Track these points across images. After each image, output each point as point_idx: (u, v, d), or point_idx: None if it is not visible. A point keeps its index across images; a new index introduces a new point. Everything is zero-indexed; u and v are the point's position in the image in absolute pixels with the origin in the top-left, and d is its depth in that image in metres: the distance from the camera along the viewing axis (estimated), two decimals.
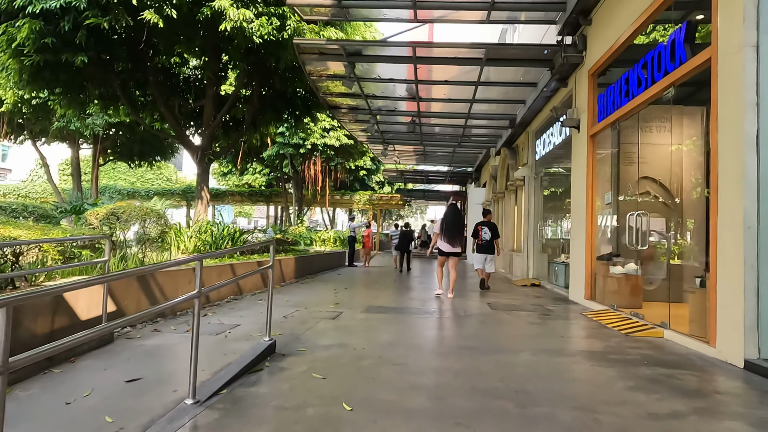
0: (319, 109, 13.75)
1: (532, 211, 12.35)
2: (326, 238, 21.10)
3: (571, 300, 8.45)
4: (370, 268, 16.67)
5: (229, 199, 28.26)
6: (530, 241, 12.35)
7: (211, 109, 11.38)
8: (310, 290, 9.32)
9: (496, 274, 14.21)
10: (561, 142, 9.91)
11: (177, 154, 22.48)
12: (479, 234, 9.89)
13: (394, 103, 12.69)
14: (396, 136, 16.43)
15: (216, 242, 9.86)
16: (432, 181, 31.77)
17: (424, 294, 9.22)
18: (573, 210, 8.71)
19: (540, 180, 12.23)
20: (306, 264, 12.70)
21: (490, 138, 15.98)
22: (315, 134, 20.98)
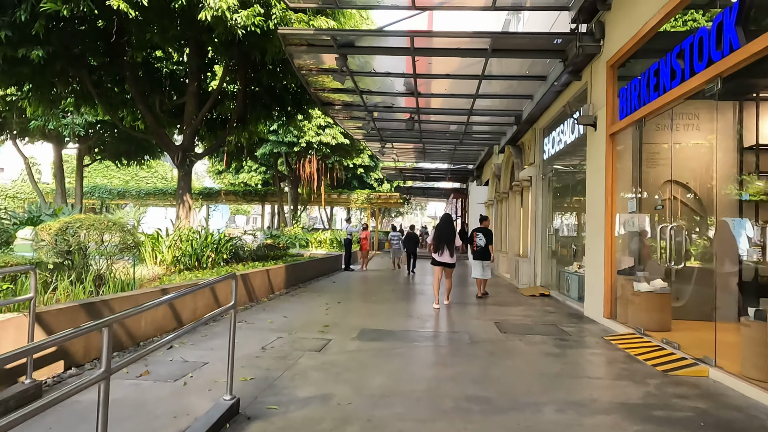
0: (312, 105, 12.89)
1: (539, 215, 11.53)
2: (323, 239, 20.27)
3: (587, 317, 7.63)
4: (368, 272, 15.86)
5: (223, 199, 27.41)
6: (537, 247, 11.53)
7: (192, 106, 10.51)
8: (300, 305, 8.49)
9: (501, 281, 13.40)
10: (573, 140, 9.06)
11: None
12: (474, 240, 9.84)
13: (392, 99, 11.81)
14: (394, 134, 15.56)
15: (197, 253, 9.03)
16: (432, 179, 30.92)
17: (423, 308, 8.40)
18: (589, 216, 7.87)
19: (548, 181, 11.39)
20: (298, 271, 11.88)
21: (493, 135, 15.11)
22: (310, 132, 20.12)
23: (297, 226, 22.78)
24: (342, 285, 12.06)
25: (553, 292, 10.19)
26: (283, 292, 10.25)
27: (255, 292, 8.98)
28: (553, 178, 11.00)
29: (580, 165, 9.58)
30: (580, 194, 10.00)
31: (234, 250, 11.13)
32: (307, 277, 12.57)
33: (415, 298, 9.90)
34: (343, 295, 9.98)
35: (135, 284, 6.23)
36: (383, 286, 11.98)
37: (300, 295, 9.89)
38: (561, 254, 10.70)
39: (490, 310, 8.25)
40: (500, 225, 16.61)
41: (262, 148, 20.69)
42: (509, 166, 14.80)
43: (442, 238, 8.68)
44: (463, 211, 32.31)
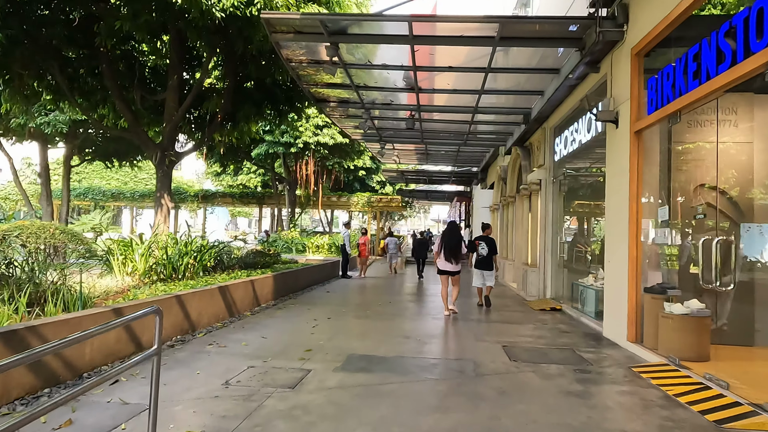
0: (305, 102, 12.07)
1: (549, 221, 10.64)
2: (320, 244, 19.42)
3: (606, 338, 6.73)
4: (366, 280, 14.99)
5: (220, 201, 26.59)
6: (547, 256, 10.64)
7: (173, 101, 9.69)
8: (284, 322, 7.63)
9: (507, 291, 12.51)
10: (589, 140, 8.18)
11: None
12: (476, 249, 9.61)
13: (391, 96, 10.98)
14: (395, 134, 14.72)
15: (172, 262, 8.19)
16: (435, 181, 30.05)
17: (423, 324, 7.53)
18: (609, 224, 6.99)
19: (559, 184, 10.51)
20: (289, 280, 11.03)
21: (499, 135, 14.24)
22: (307, 132, 19.28)
23: (294, 229, 21.93)
24: (336, 295, 11.19)
25: (566, 307, 9.29)
26: (270, 305, 9.40)
27: (236, 305, 8.13)
28: (565, 181, 10.12)
29: (597, 167, 8.71)
30: (597, 199, 9.12)
31: (219, 258, 10.31)
32: (299, 286, 11.73)
33: (414, 312, 9.03)
34: (335, 309, 9.12)
35: (83, 303, 5.38)
36: (381, 297, 11.11)
37: (288, 308, 9.03)
38: (574, 265, 9.81)
39: (497, 329, 7.36)
40: (506, 231, 15.72)
41: (257, 149, 19.87)
42: (516, 168, 13.92)
43: (447, 247, 8.58)
44: (467, 215, 31.42)
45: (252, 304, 8.80)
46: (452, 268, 8.58)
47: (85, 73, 10.04)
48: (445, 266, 8.60)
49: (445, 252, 8.57)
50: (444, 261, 8.59)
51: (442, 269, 8.67)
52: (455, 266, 8.58)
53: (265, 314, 8.27)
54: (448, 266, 8.58)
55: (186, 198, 25.86)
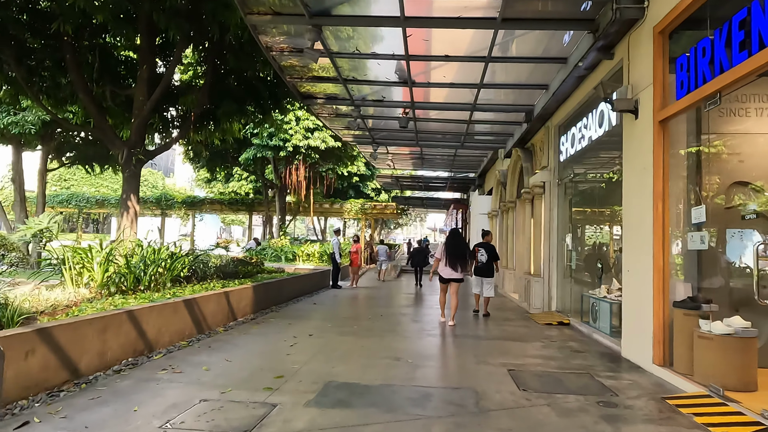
0: (291, 99, 11.25)
1: (554, 226, 9.80)
2: (311, 252, 18.52)
3: (626, 360, 5.86)
4: (358, 291, 14.09)
5: (208, 208, 25.66)
6: (553, 264, 9.78)
7: (142, 94, 8.84)
8: (259, 340, 6.73)
9: (508, 302, 11.64)
10: (601, 136, 7.36)
11: None
12: (476, 256, 9.43)
13: (383, 91, 10.17)
14: (388, 135, 13.92)
15: (135, 272, 7.28)
16: (431, 188, 29.28)
17: (416, 343, 6.64)
18: (627, 229, 6.14)
19: (564, 187, 9.70)
20: (272, 291, 10.13)
21: (498, 137, 13.44)
22: (297, 135, 18.45)
23: (284, 237, 21.01)
24: (323, 308, 10.29)
25: (574, 321, 8.42)
26: (248, 319, 8.49)
27: (207, 320, 7.22)
28: (572, 183, 9.29)
29: (610, 166, 7.90)
30: (610, 202, 8.31)
31: (193, 267, 9.40)
32: (283, 298, 10.82)
33: (407, 327, 8.13)
34: (320, 323, 8.22)
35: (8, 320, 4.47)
36: (372, 309, 10.22)
37: (267, 322, 8.13)
38: (583, 274, 8.96)
39: (501, 348, 6.48)
40: (506, 239, 14.88)
41: (245, 153, 19.01)
42: (517, 171, 13.12)
43: (450, 251, 8.37)
44: (464, 223, 30.59)
45: (226, 318, 7.90)
46: (456, 276, 8.34)
47: (50, 65, 9.18)
48: (450, 274, 8.34)
49: (449, 259, 8.30)
50: (447, 268, 8.33)
51: (445, 277, 8.40)
52: (459, 273, 8.34)
53: (240, 330, 7.36)
54: (453, 273, 8.33)
55: (173, 205, 24.93)
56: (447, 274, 8.40)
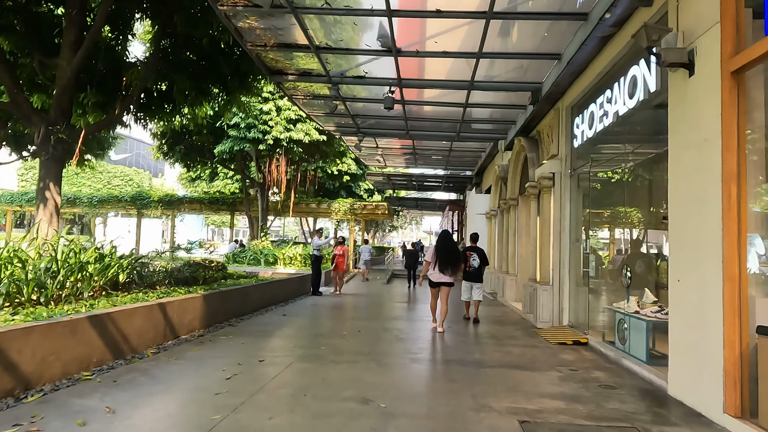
0: (259, 76, 9.69)
1: (567, 225, 8.28)
2: (293, 255, 16.93)
3: (681, 403, 4.31)
4: (341, 298, 12.52)
5: (186, 207, 24.00)
6: (564, 270, 8.25)
7: (67, 61, 7.26)
8: (188, 370, 5.14)
9: (509, 314, 10.10)
10: (632, 108, 5.83)
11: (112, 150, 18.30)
12: (467, 260, 9.03)
13: (366, 66, 8.65)
14: (376, 124, 12.39)
15: (36, 279, 5.67)
16: (425, 188, 27.76)
17: (398, 375, 5.08)
18: (676, 225, 4.60)
19: (578, 178, 8.19)
20: (232, 301, 8.56)
21: (499, 125, 11.93)
22: (278, 126, 16.86)
23: (265, 239, 19.40)
24: (293, 320, 8.71)
25: (593, 339, 6.87)
26: (194, 336, 6.90)
27: (130, 341, 5.64)
28: (589, 172, 7.76)
29: (645, 145, 6.40)
30: (641, 191, 6.81)
31: (134, 273, 7.82)
32: (248, 308, 9.24)
33: (390, 347, 6.55)
34: (281, 342, 6.66)
35: None
36: (351, 322, 8.65)
37: (215, 342, 6.54)
38: (603, 283, 7.42)
39: (506, 381, 4.92)
40: (506, 240, 13.33)
41: (220, 146, 17.41)
42: (519, 164, 11.59)
43: (440, 254, 7.94)
44: (460, 225, 29.05)
45: (162, 336, 6.31)
46: (448, 280, 7.95)
47: None
48: (440, 278, 7.92)
49: (439, 263, 7.89)
50: (438, 273, 7.92)
51: (436, 281, 7.98)
52: (451, 278, 7.95)
53: (173, 353, 5.77)
54: (443, 278, 7.91)
55: (149, 204, 23.29)
56: (437, 278, 7.97)
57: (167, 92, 9.90)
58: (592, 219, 7.89)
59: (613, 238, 8.14)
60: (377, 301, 12.89)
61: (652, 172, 6.57)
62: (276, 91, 17.05)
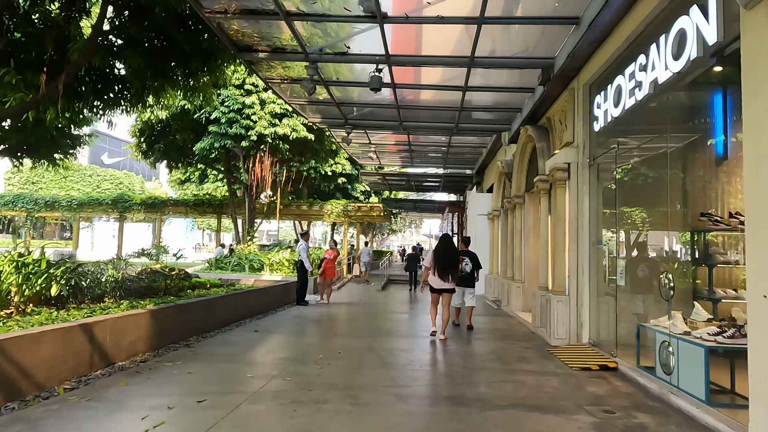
0: (226, 56, 8.44)
1: (585, 223, 7.01)
2: (279, 260, 15.66)
3: None
4: (329, 309, 11.24)
5: (171, 210, 22.73)
6: (584, 278, 6.98)
7: None
8: (89, 421, 3.86)
9: (516, 326, 8.80)
10: (679, 73, 4.55)
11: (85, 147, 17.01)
12: (460, 265, 8.38)
13: (350, 43, 7.42)
14: (366, 115, 11.15)
15: None
16: (423, 188, 26.47)
17: (376, 424, 3.79)
18: (755, 225, 3.31)
19: (598, 168, 6.93)
20: (192, 316, 7.29)
21: (502, 114, 10.68)
22: (262, 121, 15.59)
23: (252, 243, 18.12)
24: (264, 338, 7.43)
25: (624, 363, 5.59)
26: (135, 361, 5.63)
27: (33, 375, 4.36)
28: (615, 160, 6.47)
29: (696, 120, 5.14)
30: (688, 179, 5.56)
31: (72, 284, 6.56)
32: (216, 323, 7.97)
33: (372, 377, 5.26)
34: (239, 370, 5.37)
35: None
36: (332, 341, 7.36)
37: (156, 370, 5.25)
38: (635, 293, 6.14)
39: (520, 428, 3.64)
40: (511, 244, 12.03)
41: (200, 143, 16.14)
42: (526, 157, 10.32)
43: (440, 259, 7.66)
44: (460, 228, 27.77)
45: (86, 366, 5.03)
46: (448, 286, 7.68)
47: None
48: (441, 284, 7.63)
49: (439, 268, 7.61)
50: (438, 279, 7.62)
51: (436, 288, 7.69)
52: (451, 284, 7.66)
53: (91, 390, 4.49)
54: (444, 284, 7.63)
55: (131, 207, 22.02)
56: (438, 284, 7.66)
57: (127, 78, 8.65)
58: (619, 216, 6.60)
59: (644, 240, 6.87)
60: (368, 311, 11.61)
61: (700, 155, 5.32)
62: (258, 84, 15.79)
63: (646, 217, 6.77)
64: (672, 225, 5.97)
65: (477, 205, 16.32)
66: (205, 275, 14.78)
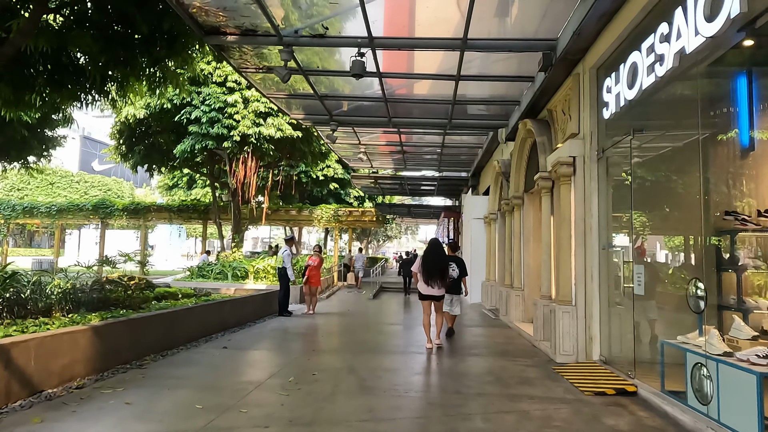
0: (195, 41, 7.62)
1: (594, 224, 6.20)
2: (264, 267, 14.78)
3: None
4: (313, 320, 10.37)
5: (154, 215, 21.82)
6: (593, 285, 6.16)
7: None
8: None
9: (517, 339, 7.95)
10: (714, 37, 3.75)
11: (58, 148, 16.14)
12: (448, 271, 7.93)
13: (329, 23, 6.63)
14: (353, 110, 10.36)
15: None
16: (418, 193, 25.68)
17: None
18: None
19: (606, 162, 6.14)
20: (151, 331, 6.44)
21: (499, 107, 9.91)
22: (245, 121, 14.75)
23: (237, 250, 17.22)
24: (231, 357, 6.56)
25: (645, 387, 4.75)
26: (70, 388, 4.75)
27: None
28: (630, 151, 5.64)
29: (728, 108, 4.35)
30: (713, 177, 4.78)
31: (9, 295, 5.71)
32: (181, 339, 7.11)
33: (346, 408, 4.40)
34: (189, 399, 4.50)
35: None
36: (308, 360, 6.49)
37: (90, 400, 4.39)
38: (655, 303, 5.31)
39: None
40: (509, 248, 11.21)
41: (180, 145, 15.28)
42: (525, 153, 9.54)
43: (431, 268, 7.34)
44: (456, 233, 26.95)
45: (2, 396, 4.15)
46: (436, 293, 7.36)
47: None
48: (428, 290, 7.33)
49: (425, 274, 7.31)
50: (425, 285, 7.30)
51: (424, 294, 7.40)
52: (439, 290, 7.36)
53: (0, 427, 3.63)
54: (431, 290, 7.32)
55: (112, 212, 21.11)
56: (426, 290, 7.33)
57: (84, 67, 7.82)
58: (632, 215, 5.77)
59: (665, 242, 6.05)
60: (356, 322, 10.75)
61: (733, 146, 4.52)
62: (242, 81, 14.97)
63: (676, 210, 5.93)
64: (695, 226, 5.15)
65: (473, 208, 15.50)
66: (185, 284, 13.91)
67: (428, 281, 7.23)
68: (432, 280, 7.22)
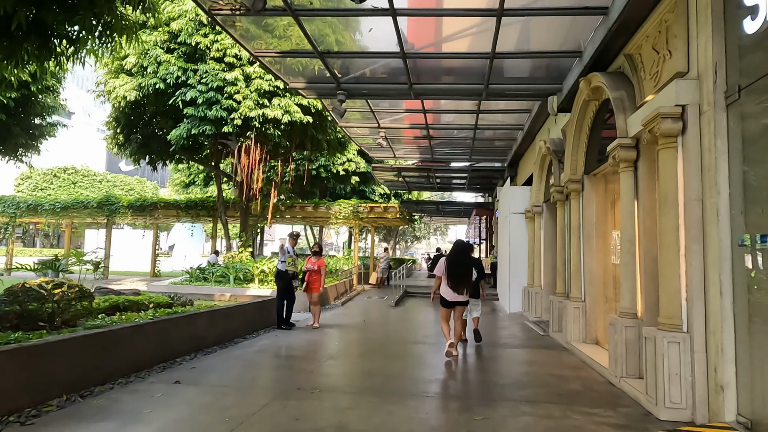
0: None
1: (721, 207, 3.95)
2: (267, 269, 12.89)
3: None
4: (315, 335, 8.36)
5: (161, 213, 20.30)
6: (723, 302, 3.90)
7: None
8: None
9: (589, 378, 5.60)
10: None
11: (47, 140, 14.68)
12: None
13: None
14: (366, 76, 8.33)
15: None
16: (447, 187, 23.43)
17: None
18: None
19: (741, 111, 3.87)
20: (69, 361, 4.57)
21: (551, 63, 7.68)
22: (247, 101, 12.85)
23: (244, 250, 15.39)
24: (174, 399, 4.59)
25: None
26: None
27: None
28: None
29: None
30: None
31: None
32: (125, 367, 5.22)
33: None
34: None
35: None
36: (283, 410, 4.43)
37: None
38: None
39: None
40: (561, 247, 8.91)
41: (175, 131, 13.50)
42: (587, 121, 7.28)
43: (453, 268, 6.71)
44: (489, 233, 24.59)
45: None
46: (461, 299, 6.68)
47: None
48: (454, 297, 6.63)
49: (452, 278, 6.64)
50: (449, 290, 6.64)
51: (449, 300, 6.68)
52: (464, 296, 6.70)
53: None
54: (456, 296, 6.62)
55: (117, 209, 19.71)
56: (451, 296, 6.68)
57: None
58: None
59: None
60: (368, 339, 8.68)
61: None
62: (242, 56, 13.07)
63: None
64: None
65: (511, 201, 13.18)
66: (179, 289, 12.19)
67: (455, 287, 6.63)
68: (459, 286, 6.64)
